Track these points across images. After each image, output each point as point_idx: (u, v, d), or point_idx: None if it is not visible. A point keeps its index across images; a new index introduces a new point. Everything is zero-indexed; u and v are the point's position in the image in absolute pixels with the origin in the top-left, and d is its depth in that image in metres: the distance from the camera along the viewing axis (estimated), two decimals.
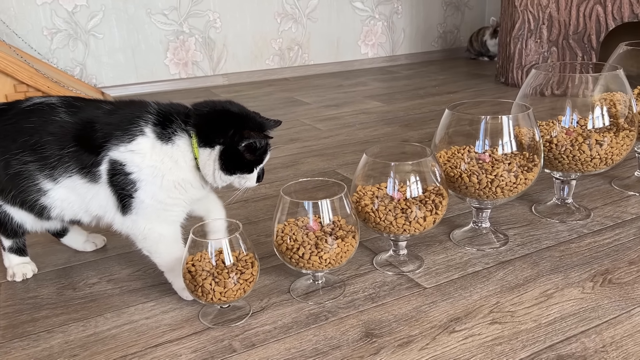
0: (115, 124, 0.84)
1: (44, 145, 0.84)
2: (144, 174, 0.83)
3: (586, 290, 0.88)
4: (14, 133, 0.85)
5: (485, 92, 2.40)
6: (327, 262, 0.85)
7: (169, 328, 0.84)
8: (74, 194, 0.87)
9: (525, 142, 0.99)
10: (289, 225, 0.88)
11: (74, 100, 0.88)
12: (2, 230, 0.95)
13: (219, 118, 0.85)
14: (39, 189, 0.86)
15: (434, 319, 0.83)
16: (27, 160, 0.85)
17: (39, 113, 0.86)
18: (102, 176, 0.84)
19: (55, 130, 0.84)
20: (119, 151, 0.83)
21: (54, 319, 0.87)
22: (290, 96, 2.50)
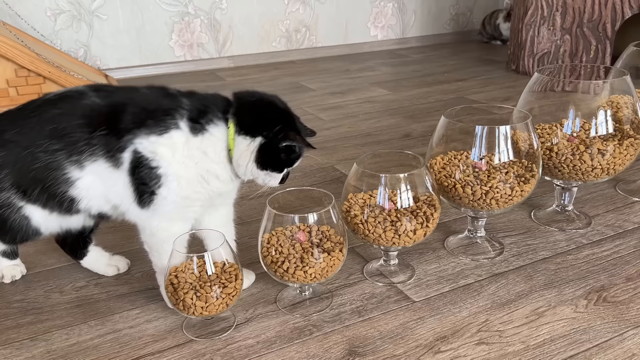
0: (150, 111, 0.79)
1: (73, 130, 0.79)
2: (172, 169, 0.79)
3: (579, 309, 0.86)
4: (40, 123, 0.80)
5: (495, 80, 2.35)
6: (313, 277, 0.83)
7: (152, 339, 0.83)
8: (98, 179, 0.81)
9: (524, 150, 0.95)
10: (277, 234, 0.86)
11: (104, 86, 0.85)
12: (9, 235, 0.88)
13: (266, 110, 0.83)
14: (67, 179, 0.81)
15: (420, 337, 0.81)
16: (54, 149, 0.80)
17: (68, 100, 0.82)
18: (124, 164, 0.79)
19: (87, 113, 0.80)
20: (148, 141, 0.78)
21: (38, 325, 0.87)
22: (296, 81, 2.46)
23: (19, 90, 1.94)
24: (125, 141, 0.79)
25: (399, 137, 1.68)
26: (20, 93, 1.94)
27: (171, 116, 0.79)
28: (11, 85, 1.93)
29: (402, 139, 1.66)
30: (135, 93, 0.83)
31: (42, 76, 1.94)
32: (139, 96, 0.82)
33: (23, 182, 0.82)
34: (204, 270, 0.81)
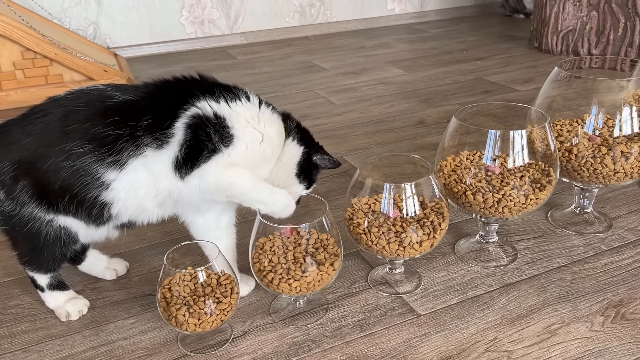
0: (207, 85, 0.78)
1: (105, 129, 0.73)
2: (246, 134, 0.77)
3: (595, 327, 0.81)
4: (58, 124, 0.75)
5: (517, 59, 2.24)
6: (298, 290, 0.79)
7: (145, 353, 0.80)
8: (146, 173, 0.76)
9: (541, 151, 0.89)
10: (274, 239, 0.82)
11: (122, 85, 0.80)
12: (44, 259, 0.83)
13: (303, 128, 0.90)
14: (98, 182, 0.75)
15: (424, 357, 0.77)
16: (80, 153, 0.74)
17: (85, 97, 0.76)
18: (176, 135, 0.74)
19: (119, 111, 0.74)
20: (219, 105, 0.76)
21: (32, 335, 0.85)
22: (309, 60, 2.38)
23: (26, 72, 1.91)
24: (182, 110, 0.75)
25: (412, 124, 1.61)
26: (27, 75, 1.91)
27: (239, 89, 0.80)
28: (18, 68, 1.90)
29: (416, 126, 1.60)
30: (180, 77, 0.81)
31: (49, 58, 1.91)
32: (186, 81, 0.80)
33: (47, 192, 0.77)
34: (199, 284, 0.78)
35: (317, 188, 1.23)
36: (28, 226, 0.79)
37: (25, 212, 0.79)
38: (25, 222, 0.79)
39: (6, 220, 0.80)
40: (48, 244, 0.81)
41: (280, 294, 0.82)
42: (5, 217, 0.80)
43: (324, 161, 0.89)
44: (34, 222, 0.79)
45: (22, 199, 0.78)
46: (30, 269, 0.86)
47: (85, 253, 0.96)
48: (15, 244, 0.84)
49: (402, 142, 1.49)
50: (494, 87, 1.90)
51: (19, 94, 1.89)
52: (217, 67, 2.33)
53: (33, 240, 0.81)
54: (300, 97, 1.91)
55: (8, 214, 0.79)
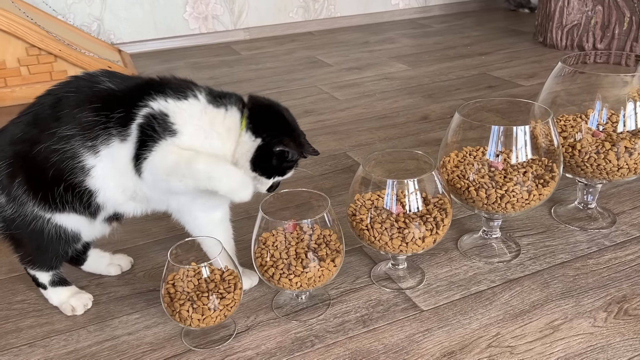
0: (170, 86, 0.79)
1: (88, 114, 0.75)
2: (187, 130, 0.76)
3: (597, 323, 0.81)
4: (46, 109, 0.77)
5: (521, 54, 2.23)
6: (298, 285, 0.80)
7: (150, 348, 0.81)
8: (111, 165, 0.77)
9: (544, 146, 0.89)
10: (277, 234, 0.83)
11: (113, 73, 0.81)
12: (48, 256, 0.84)
13: (274, 116, 0.84)
14: (82, 167, 0.76)
15: (426, 352, 0.77)
16: (69, 135, 0.75)
17: (76, 82, 0.78)
18: (133, 131, 0.75)
19: (102, 98, 0.76)
20: (166, 102, 0.77)
21: (37, 330, 0.86)
22: (312, 55, 2.38)
23: (31, 69, 1.92)
24: (139, 107, 0.76)
25: (416, 120, 1.61)
26: (32, 72, 1.92)
27: (190, 89, 0.80)
28: (22, 64, 1.91)
29: (419, 121, 1.60)
30: (154, 77, 0.82)
31: (53, 54, 1.91)
32: (160, 79, 0.82)
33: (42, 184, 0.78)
34: (202, 279, 0.79)
35: (320, 184, 1.24)
36: (31, 226, 0.80)
37: (26, 212, 0.80)
38: (29, 222, 0.80)
39: (9, 224, 0.81)
40: (52, 241, 0.82)
41: (282, 289, 0.83)
42: (8, 221, 0.81)
43: (288, 153, 0.82)
44: (36, 221, 0.80)
45: (20, 197, 0.79)
46: (33, 267, 0.86)
47: (86, 253, 0.96)
48: (18, 245, 0.85)
49: (405, 138, 1.49)
50: (498, 82, 1.90)
51: (24, 90, 1.90)
52: (220, 62, 2.33)
53: (37, 239, 0.82)
54: (304, 92, 1.91)
55: (10, 217, 0.80)
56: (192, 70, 2.22)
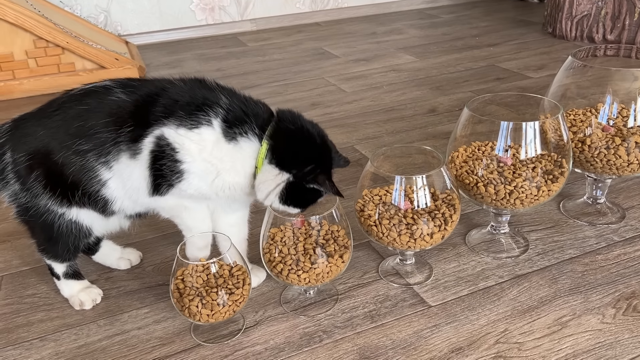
0: (182, 103, 0.75)
1: (99, 130, 0.76)
2: (196, 167, 0.75)
3: (606, 319, 0.81)
4: (67, 121, 0.77)
5: (530, 45, 2.21)
6: (307, 281, 0.80)
7: (159, 342, 0.82)
8: (121, 179, 0.78)
9: (553, 141, 0.88)
10: (285, 229, 0.83)
11: (130, 80, 0.80)
12: (59, 249, 0.85)
13: (303, 145, 0.78)
14: (99, 179, 0.78)
15: (434, 348, 0.78)
16: (83, 150, 0.76)
17: (93, 95, 0.78)
18: (143, 152, 0.75)
19: (113, 111, 0.76)
20: (177, 133, 0.74)
21: (48, 324, 0.87)
22: (319, 46, 2.37)
23: (38, 61, 1.92)
24: (151, 129, 0.75)
25: (424, 113, 1.60)
26: (40, 64, 1.93)
27: (204, 112, 0.75)
28: (30, 57, 1.91)
29: (427, 114, 1.59)
30: (167, 84, 0.78)
31: (61, 47, 1.92)
32: (172, 88, 0.78)
33: (60, 185, 0.79)
34: (211, 275, 0.79)
35: None
36: (43, 217, 0.81)
37: (39, 204, 0.80)
38: (41, 213, 0.81)
39: (23, 212, 0.82)
40: (62, 235, 0.83)
41: (290, 285, 0.83)
42: (22, 209, 0.82)
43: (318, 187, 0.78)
44: (48, 214, 0.81)
45: (35, 189, 0.79)
46: (47, 257, 0.87)
47: (99, 244, 0.97)
48: (32, 233, 0.86)
49: (413, 131, 1.49)
50: (506, 74, 1.88)
51: (32, 82, 1.90)
52: (227, 54, 2.33)
53: (48, 232, 0.83)
54: (311, 84, 1.90)
55: (24, 205, 0.81)
56: (199, 62, 2.22)
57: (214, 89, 0.78)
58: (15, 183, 0.80)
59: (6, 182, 0.81)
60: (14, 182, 0.80)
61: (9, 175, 0.80)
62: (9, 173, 0.80)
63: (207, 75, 0.82)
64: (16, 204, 0.82)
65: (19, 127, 0.80)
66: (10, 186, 0.81)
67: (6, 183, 0.81)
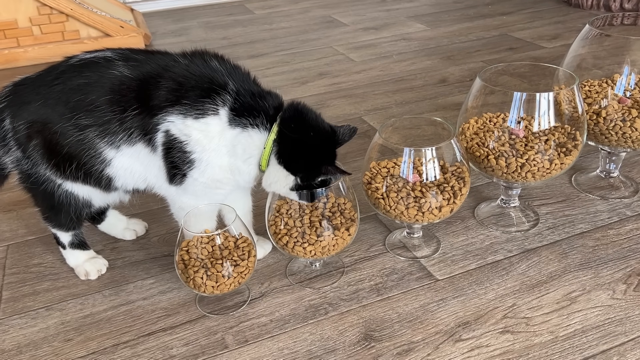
0: (187, 88, 0.73)
1: (101, 106, 0.74)
2: (206, 155, 0.74)
3: (616, 295, 0.79)
4: (65, 93, 0.75)
5: (544, 14, 2.16)
6: (312, 254, 0.79)
7: (164, 313, 0.81)
8: (138, 162, 0.78)
9: (567, 113, 0.86)
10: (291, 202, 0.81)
11: (132, 52, 0.77)
12: (62, 218, 0.85)
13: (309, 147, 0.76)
14: (102, 159, 0.77)
15: (441, 322, 0.77)
16: (84, 125, 0.75)
17: (94, 67, 0.75)
18: (157, 147, 0.75)
19: (116, 88, 0.74)
20: (184, 124, 0.72)
21: (54, 293, 0.87)
22: (328, 14, 2.32)
23: (43, 28, 1.90)
24: (158, 120, 0.73)
25: (434, 83, 1.57)
26: (44, 32, 1.90)
27: (211, 99, 0.73)
28: (34, 24, 1.89)
29: (437, 84, 1.56)
30: (171, 62, 0.75)
31: (65, 14, 1.89)
32: (176, 67, 0.74)
33: (56, 156, 0.78)
34: (216, 246, 0.78)
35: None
36: (43, 186, 0.81)
37: (39, 172, 0.80)
38: (41, 181, 0.80)
39: (25, 179, 0.82)
40: (63, 204, 0.83)
41: (296, 257, 0.82)
42: (24, 175, 0.81)
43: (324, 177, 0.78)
44: (48, 183, 0.81)
45: (34, 158, 0.79)
46: (52, 225, 0.87)
47: (105, 213, 0.96)
48: (35, 201, 0.86)
49: (423, 102, 1.46)
50: (519, 44, 1.83)
51: (37, 50, 1.88)
52: (234, 22, 2.28)
53: (49, 200, 0.83)
54: (319, 54, 1.87)
55: (26, 172, 0.81)
56: (205, 30, 2.18)
57: (219, 70, 0.75)
58: (16, 150, 0.79)
59: (8, 149, 0.80)
60: (15, 149, 0.79)
61: (10, 142, 0.79)
62: (10, 140, 0.79)
63: (213, 44, 0.80)
64: (19, 170, 0.82)
65: (18, 93, 0.78)
66: (12, 152, 0.80)
67: (8, 149, 0.80)
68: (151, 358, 0.74)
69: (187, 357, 0.74)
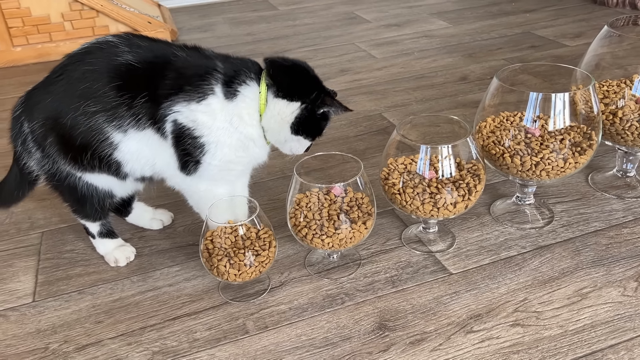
0: (187, 76, 0.78)
1: (108, 92, 0.77)
2: (214, 136, 0.78)
3: (627, 292, 0.81)
4: (72, 83, 0.78)
5: (568, 11, 2.14)
6: (330, 246, 0.82)
7: (189, 299, 0.86)
8: (147, 148, 0.81)
9: (584, 113, 0.87)
10: (309, 196, 0.85)
11: (134, 37, 0.81)
12: (88, 209, 0.90)
13: (303, 76, 0.82)
14: (109, 141, 0.80)
15: (453, 314, 0.80)
16: (93, 112, 0.78)
17: (97, 53, 0.79)
18: (167, 135, 0.79)
19: (123, 73, 0.77)
20: (189, 110, 0.77)
21: (86, 278, 0.92)
22: (351, 11, 2.34)
23: (74, 24, 1.96)
24: (165, 109, 0.78)
25: (455, 80, 1.58)
26: (75, 27, 1.96)
27: (207, 81, 0.78)
28: (66, 19, 1.94)
29: (458, 82, 1.57)
30: (170, 52, 0.80)
31: (95, 10, 1.94)
32: (176, 58, 0.80)
33: (71, 149, 0.82)
34: (239, 237, 0.82)
35: (355, 145, 1.25)
36: (66, 181, 0.86)
37: (60, 169, 0.85)
38: (64, 177, 0.85)
39: (50, 178, 0.87)
40: (87, 196, 0.87)
41: (314, 249, 0.86)
42: (49, 175, 0.86)
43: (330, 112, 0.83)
44: (70, 177, 0.86)
45: (53, 156, 0.83)
46: (80, 217, 0.92)
47: (131, 205, 1.01)
48: (63, 197, 0.91)
49: (443, 99, 1.48)
50: (542, 42, 1.84)
51: (68, 45, 1.94)
52: (258, 18, 2.32)
53: (74, 194, 0.88)
54: (341, 50, 1.89)
55: (49, 172, 0.85)
56: (229, 26, 2.22)
57: (210, 56, 0.81)
58: (36, 151, 0.84)
59: (29, 152, 0.84)
60: (35, 151, 0.84)
61: (30, 145, 0.84)
62: (29, 142, 0.83)
63: (237, 40, 0.84)
64: (43, 172, 0.86)
65: (30, 97, 0.83)
66: (33, 155, 0.84)
67: (29, 152, 0.84)
68: (176, 341, 0.78)
69: (209, 340, 0.78)
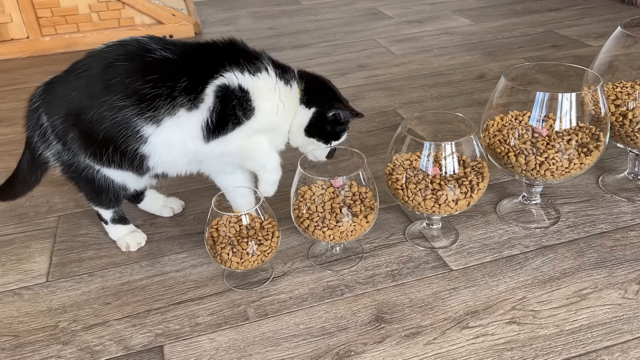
0: (241, 55, 0.83)
1: (144, 86, 0.78)
2: (264, 106, 0.83)
3: (628, 295, 0.81)
4: (97, 78, 0.80)
5: (595, 10, 2.11)
6: (331, 238, 0.84)
7: (194, 285, 0.88)
8: (177, 129, 0.81)
9: (593, 114, 0.87)
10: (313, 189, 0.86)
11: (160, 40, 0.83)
12: (104, 199, 0.93)
13: (322, 87, 0.92)
14: (140, 137, 0.81)
15: (450, 310, 0.81)
16: (122, 106, 0.79)
17: (126, 49, 0.81)
18: (206, 100, 0.79)
19: (160, 68, 0.79)
20: (243, 76, 0.81)
21: (97, 261, 0.95)
22: (373, 6, 2.35)
23: (101, 15, 2.01)
24: (212, 77, 0.80)
25: (472, 78, 1.58)
26: (102, 18, 2.01)
27: (260, 61, 0.84)
28: (93, 11, 1.99)
29: (475, 80, 1.57)
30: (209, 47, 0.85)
31: (121, 1, 1.99)
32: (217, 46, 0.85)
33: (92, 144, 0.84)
34: (243, 226, 0.84)
35: (366, 141, 1.27)
36: (84, 173, 0.89)
37: (79, 161, 0.87)
38: (82, 169, 0.88)
39: (67, 168, 0.90)
40: (103, 188, 0.91)
41: (316, 241, 0.87)
42: (66, 166, 0.89)
43: (340, 115, 0.89)
44: (88, 170, 0.88)
45: (73, 149, 0.86)
46: (94, 204, 0.96)
47: (143, 193, 1.04)
48: (78, 187, 0.94)
49: (459, 97, 1.47)
50: (564, 42, 1.81)
51: (95, 35, 1.99)
52: (281, 12, 2.34)
53: (91, 185, 0.91)
54: (361, 45, 1.90)
55: (67, 162, 0.88)
56: (253, 20, 2.25)
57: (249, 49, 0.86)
58: (57, 144, 0.86)
59: (49, 143, 0.87)
60: (56, 143, 0.86)
61: (50, 137, 0.86)
62: (50, 135, 0.86)
63: (259, 34, 0.89)
64: (60, 162, 0.89)
65: (50, 91, 0.85)
66: (53, 147, 0.87)
67: (49, 144, 0.87)
68: (179, 324, 0.81)
69: (211, 325, 0.80)
